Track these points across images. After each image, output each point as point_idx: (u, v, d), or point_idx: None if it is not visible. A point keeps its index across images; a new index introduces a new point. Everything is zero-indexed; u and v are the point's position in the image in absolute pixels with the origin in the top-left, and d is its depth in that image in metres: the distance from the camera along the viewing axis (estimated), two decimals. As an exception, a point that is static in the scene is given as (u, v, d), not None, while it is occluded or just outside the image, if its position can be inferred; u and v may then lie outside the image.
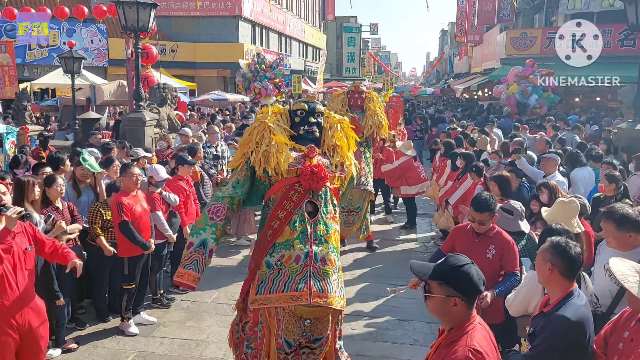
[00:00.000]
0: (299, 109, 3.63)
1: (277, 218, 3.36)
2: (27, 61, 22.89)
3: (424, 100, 36.22)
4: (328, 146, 3.60)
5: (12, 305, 3.40)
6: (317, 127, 3.62)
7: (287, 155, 3.41)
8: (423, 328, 5.30)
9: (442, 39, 78.05)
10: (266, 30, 34.77)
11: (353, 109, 7.35)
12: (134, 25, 8.80)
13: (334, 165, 3.52)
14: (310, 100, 3.75)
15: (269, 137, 3.47)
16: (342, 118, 3.82)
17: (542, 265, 2.61)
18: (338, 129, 3.65)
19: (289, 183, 3.39)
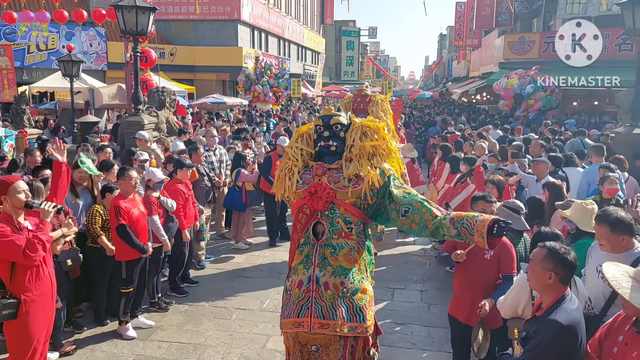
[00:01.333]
0: (317, 125, 3.55)
1: (293, 241, 3.40)
2: (26, 64, 22.90)
3: (423, 104, 36.27)
4: (346, 158, 3.42)
5: (47, 293, 3.70)
6: (335, 139, 3.45)
7: (295, 179, 3.39)
8: (421, 332, 5.30)
9: (440, 43, 78.23)
10: (265, 33, 34.83)
11: (358, 114, 6.93)
12: (133, 29, 8.81)
13: (346, 179, 3.30)
14: (327, 112, 3.60)
15: (286, 162, 3.53)
16: (372, 123, 3.53)
17: (542, 273, 2.61)
18: (358, 137, 3.42)
19: (298, 206, 3.38)
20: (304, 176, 3.42)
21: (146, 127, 9.47)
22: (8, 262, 3.50)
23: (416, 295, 6.29)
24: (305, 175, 3.42)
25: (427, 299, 6.17)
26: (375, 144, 3.42)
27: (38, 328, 3.61)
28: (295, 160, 3.49)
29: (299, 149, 3.54)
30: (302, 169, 3.46)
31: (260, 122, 16.12)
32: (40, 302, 3.61)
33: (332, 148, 3.43)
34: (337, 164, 3.42)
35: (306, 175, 3.42)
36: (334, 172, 3.37)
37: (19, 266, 3.52)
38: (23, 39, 13.92)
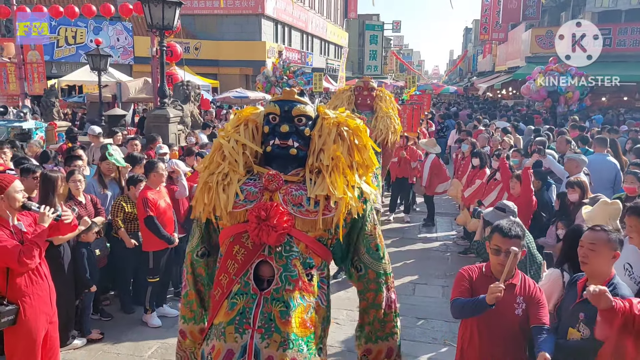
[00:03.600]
0: (270, 113, 2.48)
1: (219, 285, 2.33)
2: (55, 58, 23.38)
3: (448, 99, 35.91)
4: (312, 168, 2.42)
5: (45, 295, 3.57)
6: (298, 139, 2.44)
7: (234, 191, 2.34)
8: (442, 327, 5.29)
9: (465, 36, 77.22)
10: (288, 28, 34.88)
11: (361, 109, 6.12)
12: (159, 24, 8.94)
13: (311, 201, 2.31)
14: (287, 96, 2.52)
15: (217, 163, 2.46)
16: (349, 118, 2.56)
17: (608, 254, 2.75)
18: (332, 137, 2.44)
19: (233, 233, 2.33)
20: (246, 188, 2.37)
21: (171, 121, 9.63)
22: (2, 268, 3.39)
23: (437, 290, 6.28)
24: (248, 187, 2.37)
25: (449, 294, 6.11)
26: (359, 149, 2.50)
27: (38, 332, 3.51)
28: (235, 163, 2.42)
29: (239, 144, 2.47)
30: (243, 177, 2.40)
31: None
32: (38, 305, 3.50)
33: (292, 151, 2.42)
34: (298, 175, 2.42)
35: (249, 188, 2.37)
36: (293, 188, 2.36)
37: (15, 272, 3.39)
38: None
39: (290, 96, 2.51)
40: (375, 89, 6.21)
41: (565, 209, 5.21)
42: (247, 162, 2.45)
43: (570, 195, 5.18)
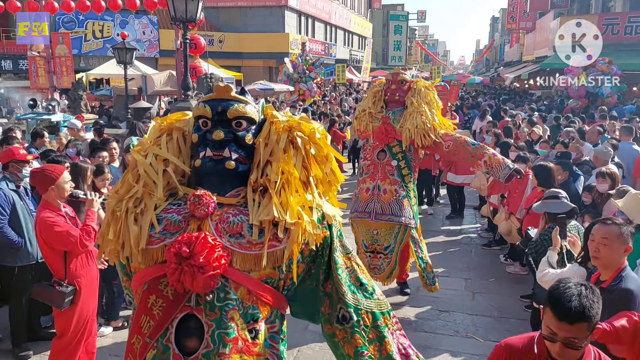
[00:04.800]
0: (200, 117, 1.94)
1: (132, 352, 1.81)
2: (83, 52, 23.83)
3: (474, 90, 35.39)
4: (256, 186, 1.88)
5: (94, 277, 3.85)
6: (237, 148, 1.89)
7: (148, 222, 1.80)
8: (464, 320, 5.25)
9: (492, 26, 75.86)
10: (312, 19, 34.79)
11: (390, 106, 5.12)
12: (182, 16, 9.01)
13: (255, 230, 1.78)
14: (223, 93, 1.95)
15: (129, 185, 1.93)
16: (304, 122, 2.01)
17: (619, 248, 2.72)
18: (282, 145, 1.91)
19: (147, 278, 1.79)
20: (166, 216, 1.83)
21: (195, 113, 9.71)
22: (61, 251, 3.62)
23: (460, 283, 6.23)
24: (169, 214, 1.83)
25: (472, 287, 6.10)
26: (320, 161, 1.98)
27: (89, 312, 3.75)
28: (151, 184, 1.87)
29: (160, 160, 1.92)
30: (163, 202, 1.86)
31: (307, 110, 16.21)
32: (90, 287, 3.75)
33: (228, 164, 1.86)
34: (238, 196, 1.89)
35: (171, 216, 1.83)
36: (231, 213, 1.82)
37: (70, 255, 3.63)
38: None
39: (224, 93, 1.94)
40: (407, 82, 5.13)
41: (592, 200, 5.12)
42: (170, 182, 1.90)
43: (599, 185, 5.08)
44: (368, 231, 5.08)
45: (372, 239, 5.07)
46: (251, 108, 1.98)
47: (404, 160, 5.03)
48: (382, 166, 5.00)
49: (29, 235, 4.28)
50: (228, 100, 1.94)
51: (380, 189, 4.96)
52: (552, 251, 3.52)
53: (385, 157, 5.02)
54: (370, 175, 5.05)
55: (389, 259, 5.09)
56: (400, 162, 5.02)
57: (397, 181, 4.98)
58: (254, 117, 1.97)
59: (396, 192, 4.96)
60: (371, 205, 4.98)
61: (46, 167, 3.85)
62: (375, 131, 5.03)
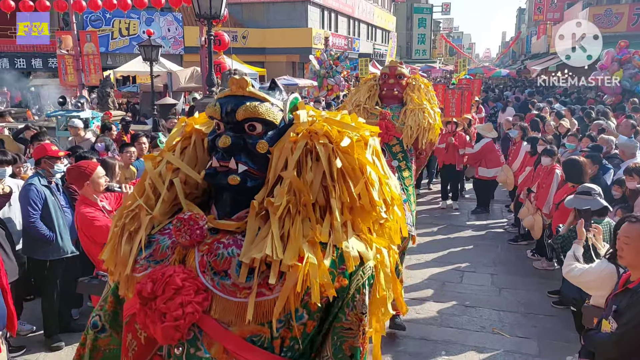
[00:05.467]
0: (213, 118, 1.60)
1: None
2: (110, 50, 24.21)
3: (501, 83, 34.83)
4: (261, 209, 1.49)
5: None
6: (246, 158, 1.51)
7: (137, 247, 1.54)
8: (491, 315, 5.20)
9: (519, 17, 74.41)
10: (335, 13, 34.66)
11: (386, 102, 4.61)
12: (207, 13, 9.07)
13: (243, 269, 1.41)
14: (236, 88, 1.57)
15: (131, 198, 1.69)
16: (337, 125, 1.58)
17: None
18: (296, 157, 1.49)
19: (128, 312, 1.53)
20: (158, 238, 1.56)
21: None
22: (102, 244, 3.74)
23: (486, 278, 6.16)
24: (163, 236, 1.56)
25: (498, 282, 6.03)
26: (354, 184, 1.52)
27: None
28: (151, 197, 1.60)
29: (170, 168, 1.62)
30: (163, 220, 1.58)
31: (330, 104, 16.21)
32: None
33: (232, 179, 1.48)
34: (243, 219, 1.50)
35: (163, 239, 1.55)
36: (223, 242, 1.48)
37: None
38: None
39: (239, 88, 1.56)
40: (406, 76, 4.62)
41: (625, 196, 5.00)
42: (185, 195, 1.60)
43: (628, 183, 4.96)
44: None
45: None
46: (267, 107, 1.54)
47: (404, 161, 4.46)
48: None
49: (59, 230, 4.38)
50: (242, 98, 1.55)
51: None
52: (577, 244, 3.45)
53: (384, 158, 4.65)
54: None
55: None
56: (401, 163, 4.42)
57: (393, 169, 4.28)
58: (271, 119, 1.53)
59: None
60: None
61: (81, 164, 4.00)
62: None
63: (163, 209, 1.58)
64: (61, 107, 10.87)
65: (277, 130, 1.56)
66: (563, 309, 5.09)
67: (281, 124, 1.58)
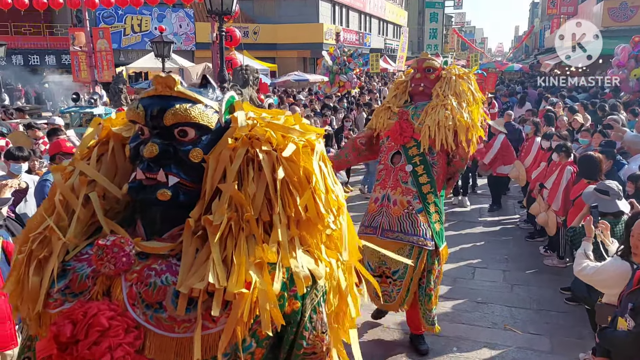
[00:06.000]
0: (134, 122, 1.40)
1: None
2: (123, 46, 24.38)
3: (515, 78, 34.50)
4: (197, 228, 1.32)
5: None
6: (177, 169, 1.33)
7: (48, 273, 1.31)
8: (503, 312, 5.18)
9: (532, 11, 73.62)
10: (346, 9, 34.56)
11: (416, 99, 4.11)
12: (218, 9, 9.12)
13: (181, 301, 1.24)
14: (165, 88, 1.35)
15: (41, 217, 1.43)
16: (281, 130, 1.42)
17: None
18: (236, 167, 1.33)
19: (41, 355, 1.25)
20: (75, 266, 1.33)
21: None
22: None
23: (498, 274, 6.14)
24: (80, 263, 1.34)
25: (510, 279, 6.00)
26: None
27: None
28: (62, 216, 1.37)
29: (85, 180, 1.39)
30: (79, 243, 1.36)
31: (341, 99, 16.21)
32: None
33: (162, 194, 1.29)
34: (177, 238, 1.33)
35: (81, 266, 1.33)
36: (155, 269, 1.29)
37: None
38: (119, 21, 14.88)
39: (165, 88, 1.34)
40: (435, 69, 4.06)
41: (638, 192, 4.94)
42: (99, 214, 1.37)
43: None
44: (374, 250, 3.60)
45: (379, 260, 3.99)
46: (200, 110, 1.34)
47: (421, 165, 3.95)
48: (395, 172, 4.01)
49: (73, 226, 4.41)
50: (169, 99, 1.33)
51: (390, 200, 3.96)
52: (586, 242, 3.42)
53: (400, 161, 4.02)
54: (381, 182, 4.09)
55: (398, 286, 3.98)
56: (417, 168, 3.94)
57: (411, 191, 3.91)
58: (205, 123, 1.34)
59: (408, 204, 3.90)
60: (378, 219, 3.99)
61: None
62: (391, 129, 4.06)
63: (78, 230, 1.35)
64: (75, 104, 10.98)
65: (213, 135, 1.38)
66: (576, 305, 5.06)
67: (217, 127, 1.39)
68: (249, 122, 1.41)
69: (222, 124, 1.41)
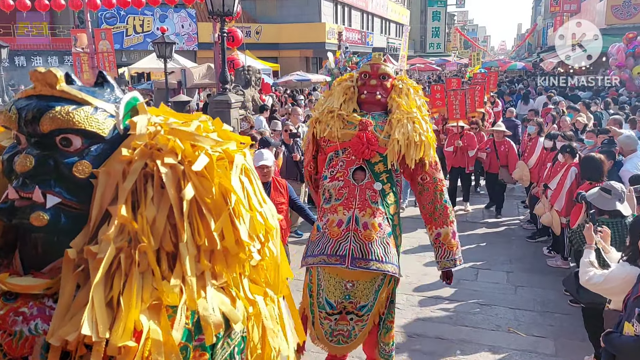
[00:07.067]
0: (7, 128, 1.24)
1: None
2: (125, 47, 24.40)
3: (517, 76, 34.40)
4: (80, 261, 1.10)
5: None
6: (60, 186, 1.11)
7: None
8: (506, 314, 5.15)
9: (535, 9, 73.39)
10: (348, 8, 34.50)
11: (367, 108, 3.65)
12: (220, 10, 9.08)
13: (53, 354, 1.04)
14: (43, 85, 1.13)
15: None
16: (177, 137, 1.18)
17: None
18: (127, 181, 1.11)
19: None
20: None
21: (233, 106, 9.82)
22: None
23: (502, 276, 6.11)
24: None
25: (514, 280, 5.97)
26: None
27: None
28: None
29: None
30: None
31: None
32: None
33: (36, 218, 1.08)
34: (55, 274, 1.12)
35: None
36: (23, 312, 1.09)
37: None
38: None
39: (43, 86, 1.13)
40: (390, 77, 3.67)
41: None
42: None
43: None
44: (339, 284, 3.43)
45: (343, 294, 3.43)
46: (88, 113, 1.10)
47: (388, 183, 3.50)
48: (361, 190, 3.40)
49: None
50: (49, 99, 1.10)
51: (359, 223, 3.37)
52: (588, 250, 3.35)
53: (364, 178, 3.44)
54: (343, 202, 3.42)
55: (364, 321, 3.48)
56: (385, 186, 3.47)
57: (382, 212, 3.41)
58: (94, 130, 1.11)
59: (380, 227, 3.38)
60: (345, 245, 3.35)
61: None
62: (352, 140, 3.44)
63: None
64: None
65: (106, 145, 1.13)
66: (580, 307, 5.02)
67: (113, 135, 1.14)
68: (150, 129, 1.14)
69: (121, 131, 1.16)
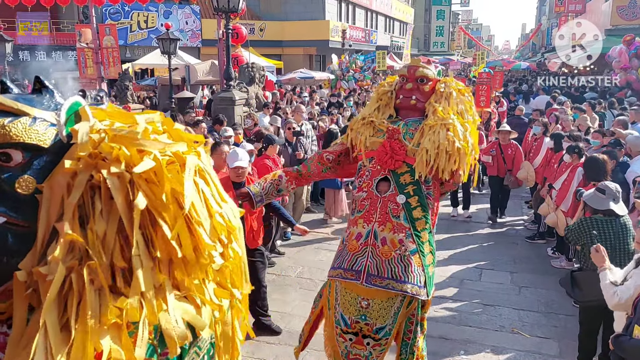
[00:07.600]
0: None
1: None
2: (129, 43, 24.37)
3: (521, 75, 34.30)
4: (31, 283, 1.05)
5: None
6: (2, 204, 1.07)
7: None
8: (510, 314, 5.13)
9: (539, 9, 73.17)
10: (352, 6, 34.44)
11: (403, 114, 3.34)
12: (225, 6, 9.08)
13: None
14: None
15: None
16: (124, 143, 1.10)
17: None
18: (72, 196, 1.03)
19: None
20: None
21: (237, 103, 9.82)
22: None
23: (506, 276, 6.09)
24: None
25: (518, 281, 5.95)
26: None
27: None
28: None
29: None
30: None
31: (347, 98, 16.14)
32: None
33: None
34: (9, 298, 1.09)
35: None
36: None
37: None
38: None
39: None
40: (430, 80, 3.31)
41: None
42: None
43: None
44: (354, 300, 3.12)
45: (359, 313, 3.10)
46: (25, 124, 1.03)
47: (415, 196, 3.12)
48: (383, 203, 3.11)
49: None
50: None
51: (377, 238, 3.08)
52: (602, 273, 3.22)
53: (388, 190, 3.13)
54: (364, 214, 3.15)
55: (382, 346, 3.13)
56: (411, 199, 3.11)
57: (404, 227, 3.07)
58: (34, 142, 1.03)
59: (401, 244, 3.05)
60: (362, 260, 3.09)
61: None
62: (378, 149, 3.19)
63: None
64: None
65: (50, 157, 1.05)
66: (584, 309, 5.00)
67: (55, 145, 1.06)
68: (93, 137, 1.04)
69: (64, 140, 1.06)
